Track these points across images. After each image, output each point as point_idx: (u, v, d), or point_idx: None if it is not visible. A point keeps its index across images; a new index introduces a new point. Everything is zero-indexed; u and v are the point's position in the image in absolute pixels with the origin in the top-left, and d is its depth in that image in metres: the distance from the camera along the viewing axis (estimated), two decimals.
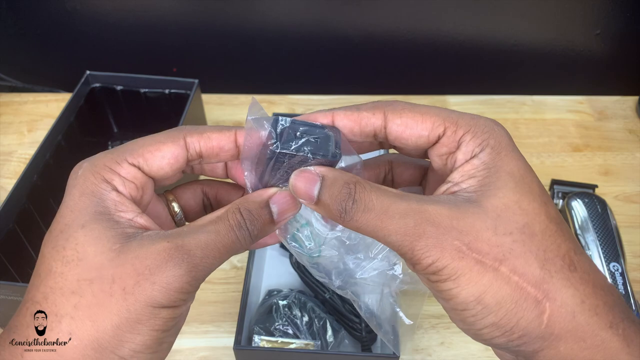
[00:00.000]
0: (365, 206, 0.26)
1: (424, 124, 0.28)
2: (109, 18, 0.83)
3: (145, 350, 0.25)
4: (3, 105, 0.86)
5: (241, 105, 0.88)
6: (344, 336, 0.57)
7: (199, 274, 0.26)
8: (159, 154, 0.29)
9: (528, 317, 0.24)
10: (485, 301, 0.24)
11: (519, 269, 0.24)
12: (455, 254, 0.24)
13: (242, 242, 0.27)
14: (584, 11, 0.83)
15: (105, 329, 0.24)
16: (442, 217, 0.25)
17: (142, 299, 0.25)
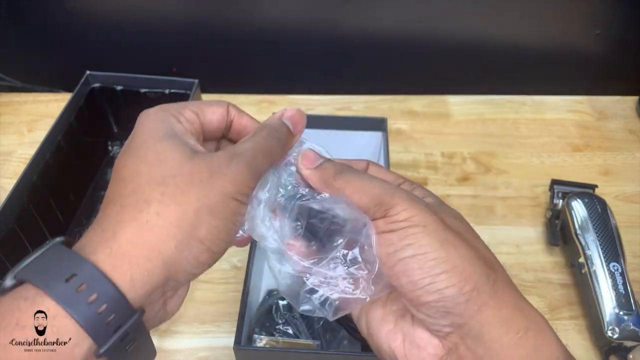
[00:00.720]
0: (359, 173, 0.33)
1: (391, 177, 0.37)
2: (109, 18, 0.84)
3: (217, 234, 0.29)
4: (3, 105, 0.86)
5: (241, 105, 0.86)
6: (344, 336, 0.57)
7: (254, 171, 0.31)
8: (211, 110, 0.34)
9: (481, 273, 0.29)
10: (446, 247, 0.29)
11: (471, 240, 0.31)
12: (426, 209, 0.30)
13: (276, 145, 0.33)
14: (584, 11, 0.83)
15: (187, 211, 0.28)
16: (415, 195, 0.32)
17: (217, 187, 0.29)
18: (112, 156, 0.75)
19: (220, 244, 0.29)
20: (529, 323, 0.28)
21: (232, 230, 0.30)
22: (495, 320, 0.28)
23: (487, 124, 0.85)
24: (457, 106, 0.88)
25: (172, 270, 0.28)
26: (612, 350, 0.57)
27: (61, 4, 0.81)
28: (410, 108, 0.87)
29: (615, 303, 0.56)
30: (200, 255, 0.28)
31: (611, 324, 0.55)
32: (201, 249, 0.28)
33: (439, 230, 0.29)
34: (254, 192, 0.33)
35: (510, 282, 0.30)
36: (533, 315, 0.29)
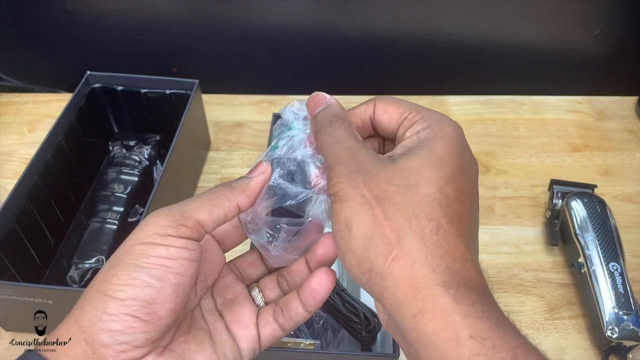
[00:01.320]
0: (332, 133, 0.32)
1: (397, 109, 0.33)
2: (110, 18, 0.84)
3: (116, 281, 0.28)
4: (3, 105, 0.87)
5: (241, 105, 0.88)
6: (344, 336, 0.57)
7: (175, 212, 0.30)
8: None
9: (377, 252, 0.27)
10: (351, 225, 0.28)
11: (387, 212, 0.28)
12: (352, 184, 0.29)
13: (219, 190, 0.32)
14: (584, 11, 0.83)
15: (99, 275, 0.29)
16: (365, 161, 0.30)
17: (124, 242, 0.30)
18: (112, 156, 0.75)
19: (124, 289, 0.28)
20: (426, 305, 0.26)
21: (136, 273, 0.28)
22: (393, 304, 0.27)
23: (486, 124, 0.85)
24: (457, 106, 0.88)
25: (89, 335, 0.27)
26: (611, 350, 0.57)
27: (61, 4, 0.81)
28: None
29: (614, 303, 0.56)
30: (106, 307, 0.27)
31: (610, 323, 0.56)
32: (105, 300, 0.28)
33: (353, 207, 0.29)
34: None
35: (414, 256, 0.27)
36: (431, 296, 0.26)
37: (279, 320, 0.35)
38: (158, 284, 0.28)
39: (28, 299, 0.52)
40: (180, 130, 0.65)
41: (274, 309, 0.35)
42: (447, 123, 0.31)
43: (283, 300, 0.35)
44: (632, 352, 0.57)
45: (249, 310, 0.35)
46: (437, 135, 0.30)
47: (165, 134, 0.76)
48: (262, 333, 0.35)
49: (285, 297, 0.35)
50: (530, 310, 0.63)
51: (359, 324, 0.55)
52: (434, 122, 0.31)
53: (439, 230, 0.27)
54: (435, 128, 0.31)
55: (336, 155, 0.31)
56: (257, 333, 0.35)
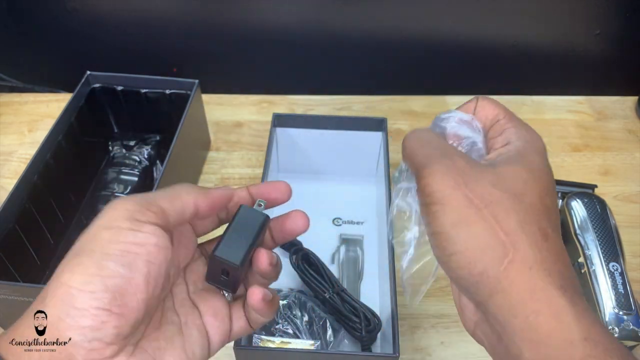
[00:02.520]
0: (419, 135, 0.32)
1: (493, 110, 0.34)
2: (109, 18, 0.84)
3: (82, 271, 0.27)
4: (3, 105, 0.86)
5: (241, 105, 0.88)
6: (344, 336, 0.57)
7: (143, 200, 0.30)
8: None
9: (492, 255, 0.27)
10: (460, 228, 0.28)
11: (498, 215, 0.28)
12: (452, 184, 0.28)
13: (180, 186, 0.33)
14: (584, 11, 0.83)
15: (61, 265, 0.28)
16: (463, 161, 0.30)
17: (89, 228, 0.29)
18: (112, 156, 0.75)
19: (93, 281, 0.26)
20: (541, 306, 0.26)
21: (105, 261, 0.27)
22: (505, 304, 0.27)
23: None
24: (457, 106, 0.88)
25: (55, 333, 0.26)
26: None
27: (62, 4, 0.81)
28: (410, 108, 0.88)
29: (614, 303, 0.56)
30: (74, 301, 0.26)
31: (611, 323, 0.56)
32: (71, 293, 0.26)
33: (458, 208, 0.28)
34: None
35: (531, 260, 0.27)
36: (548, 297, 0.26)
37: (249, 316, 0.36)
38: (128, 272, 0.27)
39: (28, 299, 0.52)
40: (180, 130, 0.65)
41: (245, 306, 0.36)
42: (539, 137, 0.32)
43: None
44: (632, 352, 0.57)
45: (223, 303, 0.35)
46: (533, 148, 0.31)
47: (165, 134, 0.76)
48: (234, 326, 0.35)
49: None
50: None
51: (359, 324, 0.55)
52: (528, 135, 0.32)
53: (548, 239, 0.28)
54: (530, 140, 0.32)
55: (428, 154, 0.30)
56: (230, 327, 0.35)
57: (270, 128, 0.69)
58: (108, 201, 0.69)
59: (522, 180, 0.29)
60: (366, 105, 0.88)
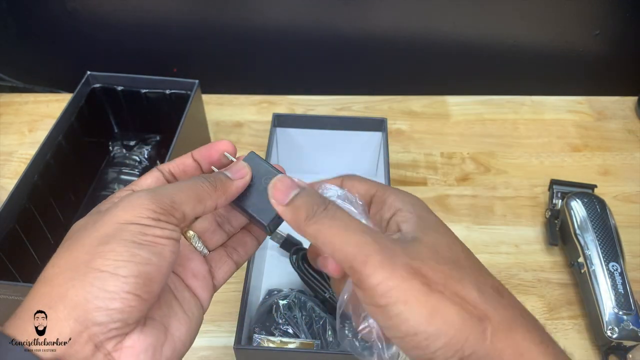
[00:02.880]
0: (334, 215, 0.29)
1: (364, 186, 0.34)
2: (110, 18, 0.84)
3: (115, 257, 0.27)
4: (4, 105, 0.87)
5: (241, 105, 0.88)
6: None
7: (160, 197, 0.30)
8: (143, 180, 0.35)
9: (474, 333, 0.26)
10: (436, 322, 0.26)
11: (460, 292, 0.27)
12: (405, 274, 0.26)
13: (203, 185, 0.32)
14: (583, 11, 0.83)
15: (77, 249, 0.28)
16: (395, 243, 0.28)
17: (108, 219, 0.28)
18: (112, 156, 0.75)
19: (127, 266, 0.27)
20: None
21: (137, 252, 0.28)
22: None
23: (486, 124, 0.85)
24: (457, 106, 0.88)
25: (81, 313, 0.26)
26: (611, 350, 0.57)
27: (62, 4, 0.81)
28: (410, 108, 0.88)
29: (614, 303, 0.56)
30: (105, 284, 0.26)
31: (610, 323, 0.56)
32: (104, 277, 0.26)
33: (421, 301, 0.26)
34: None
35: (505, 323, 0.27)
36: (536, 356, 0.27)
37: (234, 258, 0.37)
38: (157, 260, 0.28)
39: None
40: (180, 130, 0.65)
41: (226, 250, 0.37)
42: (413, 196, 0.33)
43: (235, 241, 0.38)
44: (631, 352, 0.57)
45: (199, 262, 0.36)
46: (422, 208, 0.32)
47: (165, 134, 0.77)
48: (218, 276, 0.37)
49: (237, 237, 0.38)
50: (530, 310, 0.62)
51: None
52: (408, 197, 0.32)
53: (503, 292, 0.28)
54: (414, 202, 0.32)
55: (358, 241, 0.27)
56: (212, 281, 0.36)
57: (270, 128, 0.69)
58: None
59: (447, 247, 0.29)
60: (366, 105, 0.88)
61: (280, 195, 0.31)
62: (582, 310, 0.62)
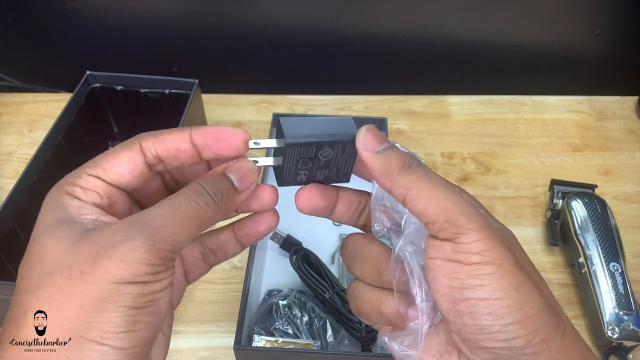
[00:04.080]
0: (430, 172, 0.28)
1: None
2: (109, 18, 0.84)
3: (115, 329, 0.24)
4: (3, 105, 0.86)
5: (241, 105, 0.88)
6: (344, 336, 0.57)
7: (160, 244, 0.25)
8: (116, 162, 0.29)
9: (550, 325, 0.25)
10: (521, 293, 0.25)
11: (539, 284, 0.27)
12: (501, 243, 0.26)
13: (207, 207, 0.27)
14: (584, 11, 0.83)
15: (68, 314, 0.24)
16: (485, 214, 0.28)
17: (101, 276, 0.24)
18: None
19: (126, 337, 0.24)
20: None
21: (138, 319, 0.25)
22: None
23: (486, 124, 0.85)
24: (457, 106, 0.88)
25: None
26: (611, 350, 0.57)
27: (61, 4, 0.81)
28: (410, 108, 0.88)
29: (615, 303, 0.56)
30: (99, 356, 0.24)
31: (611, 323, 0.55)
32: (103, 351, 0.24)
33: (514, 272, 0.25)
34: None
35: (574, 330, 0.27)
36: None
37: (209, 261, 0.33)
38: (155, 320, 0.26)
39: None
40: None
41: (202, 252, 0.33)
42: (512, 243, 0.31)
43: (214, 242, 0.33)
44: (632, 353, 0.57)
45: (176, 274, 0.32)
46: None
47: None
48: (190, 277, 0.33)
49: (217, 238, 0.33)
50: None
51: (359, 324, 0.55)
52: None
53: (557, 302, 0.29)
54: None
55: (456, 199, 0.26)
56: (185, 283, 0.33)
57: (270, 128, 0.69)
58: None
59: (525, 257, 0.29)
60: (366, 105, 0.88)
61: (373, 142, 0.28)
62: (583, 310, 0.62)
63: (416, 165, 0.27)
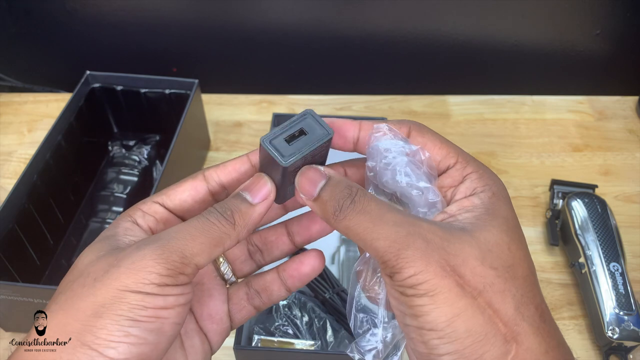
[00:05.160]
0: (363, 208, 0.26)
1: (440, 150, 0.29)
2: (109, 18, 0.84)
3: (107, 336, 0.24)
4: (3, 105, 0.86)
5: (241, 105, 0.88)
6: (344, 336, 0.57)
7: (168, 254, 0.25)
8: (180, 189, 0.31)
9: (493, 353, 0.24)
10: (456, 325, 0.24)
11: (494, 304, 0.24)
12: (439, 271, 0.24)
13: (218, 223, 0.28)
14: (584, 11, 0.83)
15: (73, 315, 0.25)
16: (434, 235, 0.25)
17: (108, 283, 0.25)
18: (112, 156, 0.75)
19: (118, 347, 0.24)
20: None
21: (131, 331, 0.24)
22: None
23: (486, 124, 0.85)
24: (457, 106, 0.88)
25: None
26: (612, 350, 0.57)
27: (61, 4, 0.81)
28: (410, 108, 0.87)
29: (615, 303, 0.56)
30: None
31: (611, 324, 0.55)
32: (93, 356, 0.24)
33: (450, 300, 0.24)
34: None
35: (535, 352, 0.24)
36: None
37: (254, 303, 0.33)
38: (154, 338, 0.25)
39: (27, 299, 0.52)
40: (179, 130, 0.65)
41: (248, 293, 0.33)
42: (501, 182, 0.29)
43: (259, 283, 0.33)
44: (632, 353, 0.57)
45: (220, 301, 0.33)
46: (502, 198, 0.28)
47: (164, 134, 0.76)
48: (235, 319, 0.33)
49: (263, 279, 0.33)
50: None
51: None
52: (492, 181, 0.28)
53: (545, 317, 0.25)
54: (494, 189, 0.28)
55: (389, 235, 0.25)
56: (229, 324, 0.33)
57: (270, 128, 0.69)
58: (107, 201, 0.70)
59: (506, 247, 0.26)
60: (366, 105, 0.88)
61: (307, 189, 0.28)
62: (583, 310, 0.62)
63: (347, 205, 0.26)
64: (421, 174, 0.28)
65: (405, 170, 0.27)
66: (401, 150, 0.28)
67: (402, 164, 0.28)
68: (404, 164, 0.28)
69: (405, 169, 0.27)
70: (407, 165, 0.28)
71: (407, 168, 0.27)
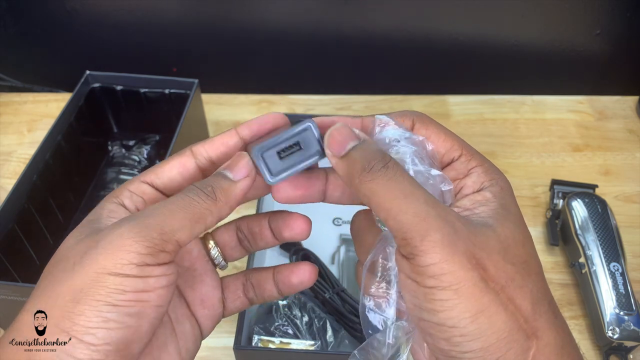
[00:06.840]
0: (394, 176, 0.24)
1: (445, 142, 0.28)
2: (109, 18, 0.83)
3: (85, 322, 0.23)
4: (3, 105, 0.86)
5: (241, 105, 0.88)
6: (344, 336, 0.57)
7: (147, 231, 0.24)
8: (167, 167, 0.30)
9: (517, 349, 0.23)
10: (480, 321, 0.23)
11: (515, 299, 0.24)
12: (465, 262, 0.23)
13: (197, 198, 0.27)
14: (584, 11, 0.83)
15: (53, 301, 0.24)
16: (462, 225, 0.24)
17: (87, 266, 0.24)
18: (112, 156, 0.75)
19: (97, 333, 0.23)
20: None
21: (110, 317, 0.24)
22: None
23: (487, 124, 0.85)
24: (457, 106, 0.88)
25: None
26: (612, 350, 0.57)
27: (61, 4, 0.81)
28: (410, 108, 0.87)
29: (615, 303, 0.56)
30: (74, 352, 0.23)
31: (611, 324, 0.55)
32: (71, 343, 0.23)
33: (474, 296, 0.23)
34: None
35: (553, 348, 0.24)
36: None
37: (249, 296, 0.33)
38: (135, 322, 0.24)
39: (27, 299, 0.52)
40: (179, 130, 0.65)
41: (244, 284, 0.33)
42: (503, 174, 0.28)
43: (256, 277, 0.33)
44: (633, 353, 0.57)
45: (211, 287, 0.32)
46: (509, 194, 0.27)
47: (164, 133, 0.76)
48: (229, 307, 0.33)
49: (259, 275, 0.33)
50: None
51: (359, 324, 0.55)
52: (497, 176, 0.28)
53: (557, 313, 0.25)
54: (501, 184, 0.27)
55: (419, 212, 0.23)
56: (222, 310, 0.33)
57: None
58: None
59: (521, 244, 0.25)
60: (366, 104, 0.88)
61: (336, 145, 0.26)
62: (583, 310, 0.62)
63: (378, 167, 0.25)
64: (428, 164, 0.27)
65: (413, 158, 0.26)
66: (408, 139, 0.27)
67: (409, 153, 0.27)
68: (411, 153, 0.27)
69: (413, 157, 0.26)
70: (415, 154, 0.27)
71: (415, 157, 0.27)
